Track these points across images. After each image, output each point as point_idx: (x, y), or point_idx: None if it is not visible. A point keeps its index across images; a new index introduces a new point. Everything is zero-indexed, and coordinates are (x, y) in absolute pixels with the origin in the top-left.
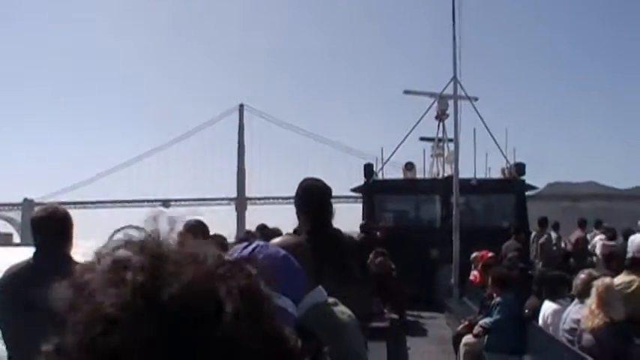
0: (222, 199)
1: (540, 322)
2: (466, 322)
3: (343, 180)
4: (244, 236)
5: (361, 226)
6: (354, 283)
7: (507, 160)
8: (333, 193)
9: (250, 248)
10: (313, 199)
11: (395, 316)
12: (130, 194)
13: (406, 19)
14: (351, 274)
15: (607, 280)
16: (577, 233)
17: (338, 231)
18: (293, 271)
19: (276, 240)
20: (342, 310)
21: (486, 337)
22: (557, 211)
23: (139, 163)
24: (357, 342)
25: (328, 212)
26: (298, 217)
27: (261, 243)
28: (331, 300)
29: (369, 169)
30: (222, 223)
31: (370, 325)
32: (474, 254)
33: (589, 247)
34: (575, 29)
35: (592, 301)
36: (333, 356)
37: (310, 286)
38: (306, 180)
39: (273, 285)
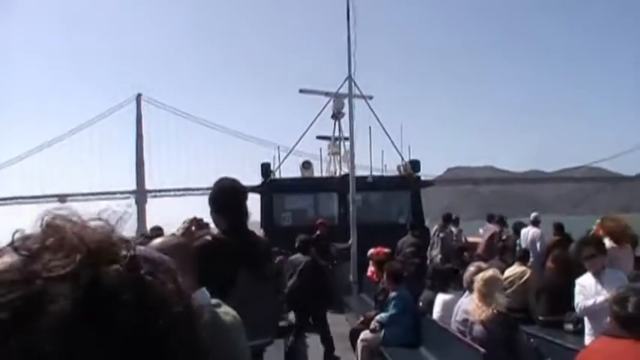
0: (122, 192)
1: (434, 314)
2: (362, 318)
3: (246, 173)
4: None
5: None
6: (267, 282)
7: (402, 158)
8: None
9: None
10: (230, 199)
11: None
12: (24, 190)
13: (304, 17)
14: (264, 274)
15: (487, 273)
16: (492, 228)
17: (252, 232)
18: None
19: (156, 242)
20: (226, 311)
21: (383, 331)
22: (457, 195)
23: (32, 157)
24: (241, 343)
25: (244, 213)
26: (213, 216)
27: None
28: (214, 301)
29: (266, 169)
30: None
31: (278, 323)
32: (371, 251)
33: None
34: (463, 26)
35: (476, 293)
36: (217, 357)
37: (194, 288)
38: (222, 180)
39: None
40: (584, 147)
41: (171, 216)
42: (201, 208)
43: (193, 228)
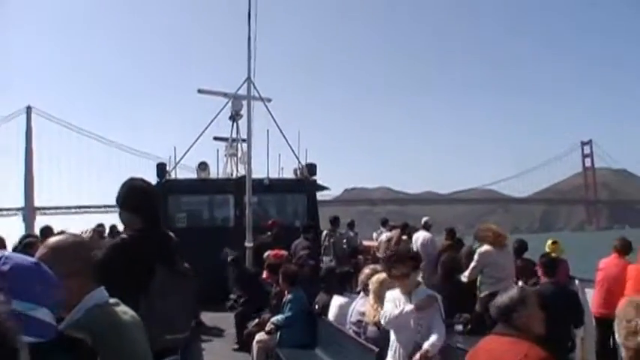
0: (8, 209)
1: (330, 316)
2: (257, 320)
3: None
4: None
5: None
6: (184, 279)
7: (299, 161)
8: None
9: None
10: (144, 197)
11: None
12: None
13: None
14: (180, 270)
15: (382, 275)
16: (391, 233)
17: (165, 231)
18: (45, 277)
19: (51, 240)
20: (124, 310)
21: (279, 333)
22: (354, 215)
23: None
24: (139, 342)
25: (159, 210)
26: (125, 216)
27: (7, 254)
28: (113, 300)
29: (161, 169)
30: (8, 234)
31: (197, 319)
32: (267, 253)
33: (376, 244)
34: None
35: (371, 295)
36: (114, 356)
37: (92, 287)
38: (133, 179)
39: (24, 295)
40: (477, 170)
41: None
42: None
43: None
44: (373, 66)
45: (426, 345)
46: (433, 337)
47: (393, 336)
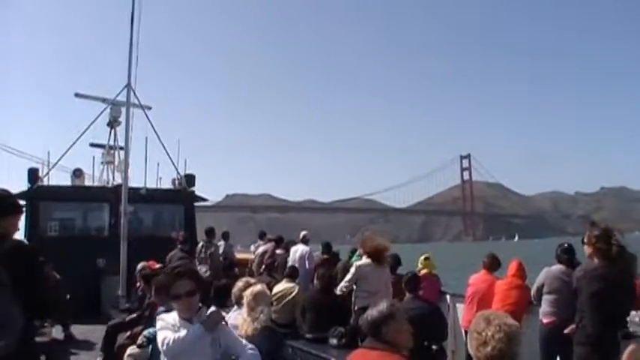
0: None
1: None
2: (128, 333)
3: (4, 184)
4: None
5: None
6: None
7: (178, 171)
8: None
9: None
10: None
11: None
12: None
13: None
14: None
15: (256, 288)
16: (266, 246)
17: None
18: None
19: None
20: None
21: (150, 346)
22: (235, 221)
23: None
24: None
25: None
26: None
27: None
28: None
29: (33, 174)
30: None
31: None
32: (141, 264)
33: (252, 256)
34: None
35: (244, 308)
36: None
37: None
38: None
39: None
40: (358, 180)
41: None
42: None
43: None
44: (256, 74)
45: None
46: None
47: None
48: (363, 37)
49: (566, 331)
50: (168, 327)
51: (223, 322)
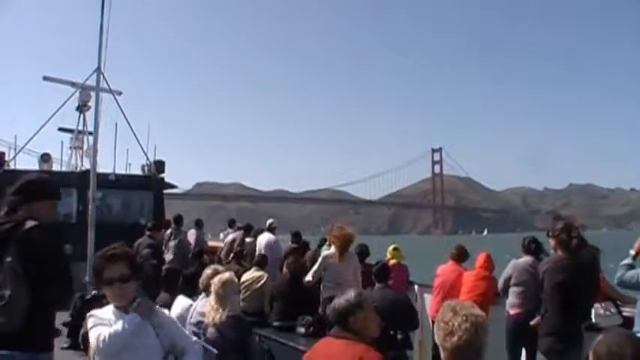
0: None
1: (173, 316)
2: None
3: None
4: None
5: None
6: None
7: (147, 157)
8: None
9: None
10: None
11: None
12: None
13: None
14: None
15: (224, 276)
16: (235, 234)
17: None
18: None
19: None
20: None
21: None
22: (205, 210)
23: None
24: None
25: None
26: None
27: None
28: None
29: None
30: None
31: None
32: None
33: (222, 244)
34: (225, 31)
35: (212, 296)
36: None
37: None
38: None
39: None
40: (329, 171)
41: None
42: None
43: None
44: (230, 61)
45: None
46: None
47: None
48: (338, 31)
49: (531, 323)
50: (102, 323)
51: (166, 311)
